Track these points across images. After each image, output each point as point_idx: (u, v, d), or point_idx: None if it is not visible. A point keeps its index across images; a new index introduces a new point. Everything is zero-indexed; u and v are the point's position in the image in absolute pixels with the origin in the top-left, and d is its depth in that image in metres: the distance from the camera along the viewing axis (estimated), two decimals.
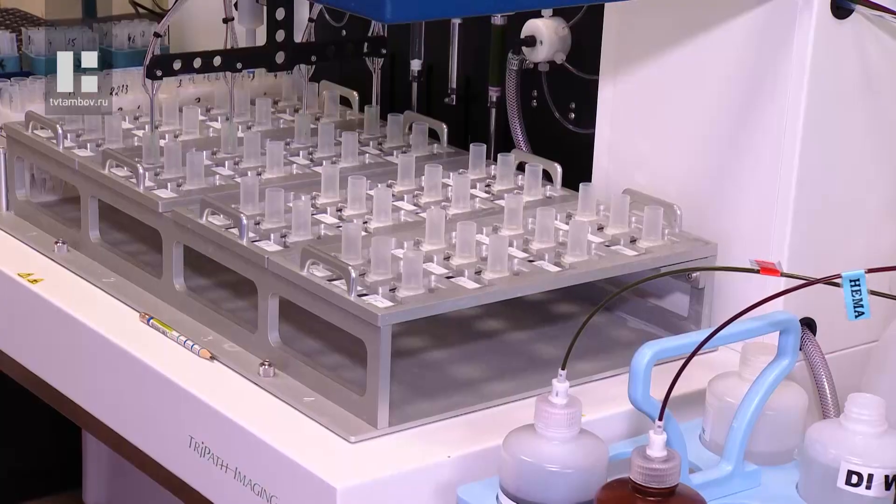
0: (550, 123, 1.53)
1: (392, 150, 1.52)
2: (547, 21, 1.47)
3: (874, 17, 1.21)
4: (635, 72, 1.36)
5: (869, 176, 1.28)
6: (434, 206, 1.34)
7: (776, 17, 1.22)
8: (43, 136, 1.48)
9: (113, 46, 1.82)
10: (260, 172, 1.43)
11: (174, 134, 1.52)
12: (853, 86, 1.24)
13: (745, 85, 1.26)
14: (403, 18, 1.03)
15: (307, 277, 1.18)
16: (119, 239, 1.47)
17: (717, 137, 1.29)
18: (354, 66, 1.60)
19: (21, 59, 1.78)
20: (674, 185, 1.34)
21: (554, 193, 1.40)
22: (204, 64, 1.45)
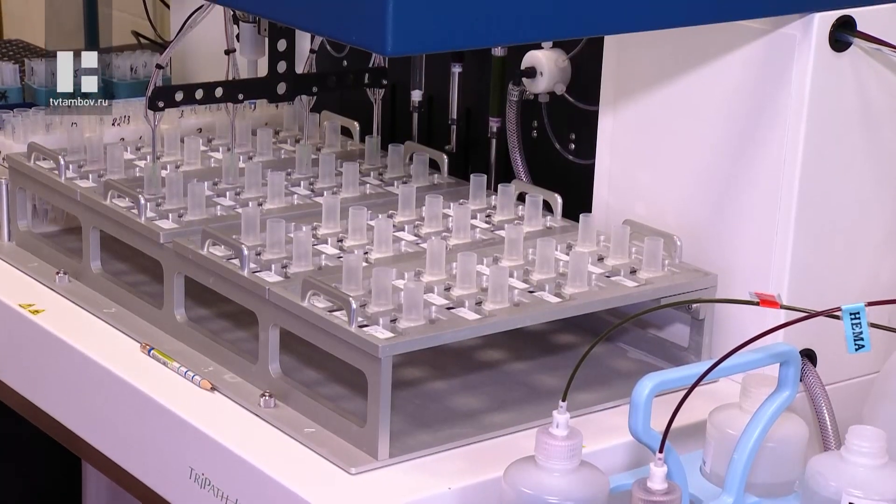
0: (551, 154, 1.54)
1: (393, 180, 1.52)
2: (547, 52, 1.47)
3: (872, 49, 1.22)
4: (635, 103, 1.36)
5: (868, 207, 1.29)
6: (435, 236, 1.35)
7: (775, 49, 1.22)
8: (45, 166, 1.48)
9: (115, 77, 1.83)
10: (261, 203, 1.43)
11: (176, 164, 1.53)
12: (852, 118, 1.25)
13: (745, 116, 1.26)
14: (404, 52, 1.04)
15: (308, 308, 1.18)
16: (120, 269, 1.47)
17: (717, 168, 1.30)
18: (355, 97, 1.61)
19: (24, 90, 1.78)
20: (673, 216, 1.34)
21: (554, 224, 1.41)
22: (206, 95, 1.45)
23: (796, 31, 1.21)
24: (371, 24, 1.02)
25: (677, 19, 1.16)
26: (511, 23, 1.06)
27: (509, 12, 1.06)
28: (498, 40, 1.32)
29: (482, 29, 1.06)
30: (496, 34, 1.08)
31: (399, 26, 1.01)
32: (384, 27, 1.00)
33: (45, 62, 1.77)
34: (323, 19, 1.07)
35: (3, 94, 1.76)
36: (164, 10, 2.26)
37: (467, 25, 1.05)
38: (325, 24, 1.08)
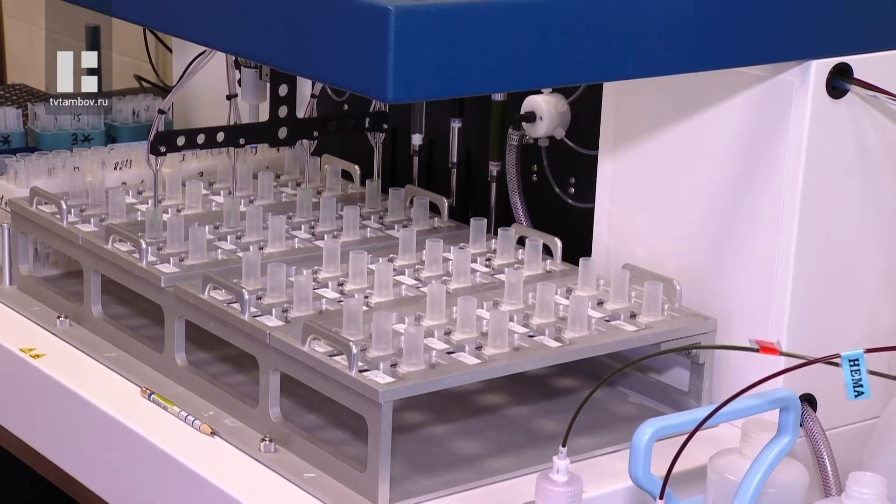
0: (550, 198, 1.54)
1: (393, 223, 1.53)
2: (547, 97, 1.48)
3: (869, 97, 1.23)
4: (634, 148, 1.37)
5: (867, 253, 1.29)
6: (435, 280, 1.35)
7: (772, 96, 1.23)
8: (47, 211, 1.49)
9: (117, 121, 1.84)
10: (262, 246, 1.44)
11: (177, 208, 1.53)
12: (850, 164, 1.25)
13: (743, 162, 1.27)
14: (405, 99, 1.04)
15: (308, 353, 1.19)
16: (121, 313, 1.47)
17: (716, 213, 1.30)
18: (356, 140, 1.62)
19: (27, 134, 1.79)
20: (673, 260, 1.35)
21: (554, 268, 1.41)
22: (207, 140, 1.46)
23: (794, 77, 1.22)
24: (372, 71, 1.02)
25: (676, 66, 1.17)
26: (511, 70, 1.07)
27: (509, 60, 1.06)
28: (498, 87, 1.34)
29: (482, 76, 1.07)
30: (496, 82, 1.09)
31: (400, 74, 1.02)
32: (385, 75, 1.01)
33: (48, 106, 1.79)
34: (324, 66, 1.08)
35: (5, 139, 1.77)
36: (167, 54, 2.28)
37: (467, 73, 1.06)
38: (326, 71, 1.09)
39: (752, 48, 1.18)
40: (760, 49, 1.18)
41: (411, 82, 1.03)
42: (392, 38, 1.00)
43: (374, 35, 1.01)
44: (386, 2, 1.01)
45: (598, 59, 1.11)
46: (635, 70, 1.15)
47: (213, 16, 1.18)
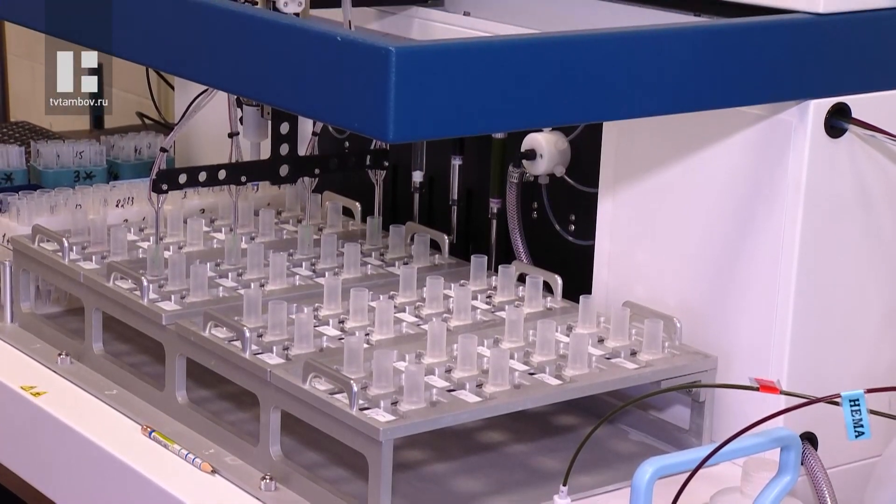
0: (551, 235, 1.55)
1: (394, 260, 1.53)
2: (547, 135, 1.49)
3: (867, 136, 1.23)
4: (634, 186, 1.38)
5: (866, 291, 1.30)
6: (436, 317, 1.36)
7: (771, 135, 1.24)
8: (49, 248, 1.49)
9: (119, 158, 1.85)
10: (263, 284, 1.44)
11: (178, 245, 1.54)
12: (849, 203, 1.26)
13: (743, 201, 1.27)
14: (406, 138, 1.05)
15: (309, 391, 1.19)
16: (122, 350, 1.47)
17: (716, 251, 1.31)
18: (357, 177, 1.62)
19: (29, 172, 1.80)
20: (673, 298, 1.35)
21: (555, 305, 1.42)
22: (209, 177, 1.47)
23: (792, 117, 1.22)
24: (373, 111, 1.03)
25: (675, 106, 1.18)
26: (511, 111, 1.08)
27: (509, 100, 1.07)
28: (498, 128, 1.35)
29: (483, 117, 1.07)
30: (496, 122, 1.10)
31: (401, 114, 1.02)
32: (386, 115, 1.02)
33: (53, 144, 1.80)
34: (325, 106, 1.09)
35: (8, 177, 1.77)
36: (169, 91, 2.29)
37: (468, 113, 1.06)
38: (327, 111, 1.09)
39: (750, 88, 1.18)
40: (759, 89, 1.19)
41: (412, 122, 1.04)
42: (393, 78, 1.01)
43: (376, 76, 1.02)
44: (387, 43, 1.02)
45: (598, 99, 1.12)
46: (635, 110, 1.16)
47: (214, 56, 1.19)
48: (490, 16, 1.54)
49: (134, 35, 1.28)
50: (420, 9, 1.61)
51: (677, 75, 1.14)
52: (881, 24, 1.24)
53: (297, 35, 1.10)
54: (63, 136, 2.01)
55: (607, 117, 1.28)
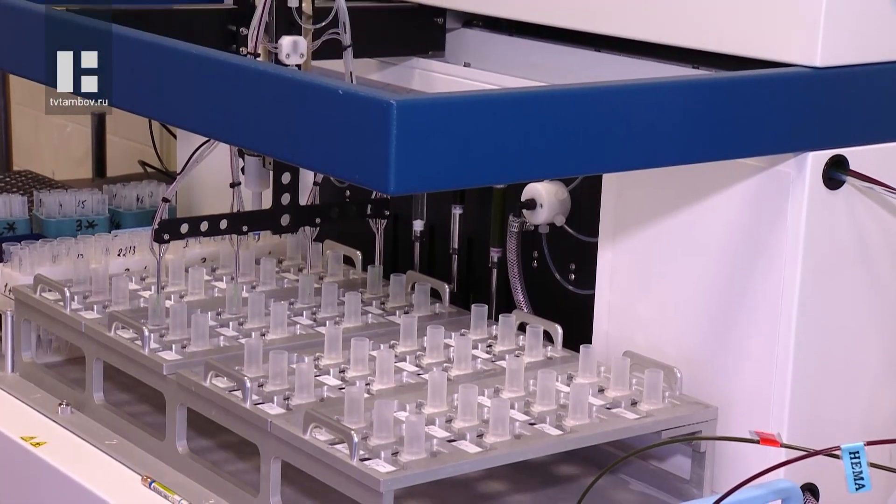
0: (551, 284, 1.55)
1: (395, 309, 1.54)
2: (547, 185, 1.50)
3: (865, 188, 1.24)
4: (634, 236, 1.38)
5: (866, 343, 1.30)
6: (436, 367, 1.36)
7: (770, 186, 1.25)
8: (50, 298, 1.50)
9: (121, 207, 1.86)
10: (264, 333, 1.44)
11: (180, 294, 1.54)
12: (847, 253, 1.27)
13: (742, 251, 1.28)
14: (407, 191, 1.06)
15: (310, 441, 1.19)
16: (123, 399, 1.47)
17: (716, 302, 1.31)
18: (358, 225, 1.63)
19: (31, 221, 1.81)
20: (673, 348, 1.35)
21: (555, 354, 1.42)
22: (211, 227, 1.48)
23: (791, 168, 1.23)
24: (374, 164, 1.04)
25: (674, 158, 1.19)
26: (511, 163, 1.09)
27: (510, 153, 1.08)
28: (498, 179, 1.35)
29: (483, 169, 1.08)
30: (497, 174, 1.11)
31: (401, 167, 1.03)
32: (387, 168, 1.03)
33: (55, 193, 1.80)
34: (327, 158, 1.09)
35: (11, 226, 1.78)
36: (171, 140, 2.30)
37: (468, 165, 1.07)
38: (329, 163, 1.10)
39: (748, 140, 1.19)
40: (757, 141, 1.20)
41: (413, 175, 1.04)
42: (394, 131, 1.02)
43: (377, 128, 1.03)
44: (388, 96, 1.03)
45: (598, 151, 1.12)
46: (634, 162, 1.17)
47: (217, 108, 1.20)
48: (490, 67, 1.56)
49: (136, 87, 1.29)
50: (421, 59, 1.62)
51: (676, 128, 1.15)
52: (878, 78, 1.25)
53: (299, 88, 1.11)
54: (65, 184, 2.02)
55: (607, 169, 1.29)
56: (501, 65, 1.55)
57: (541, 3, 1.45)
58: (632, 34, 1.37)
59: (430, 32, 1.62)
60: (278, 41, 1.43)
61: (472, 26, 1.62)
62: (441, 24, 1.62)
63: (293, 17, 1.44)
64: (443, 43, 1.62)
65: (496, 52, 1.57)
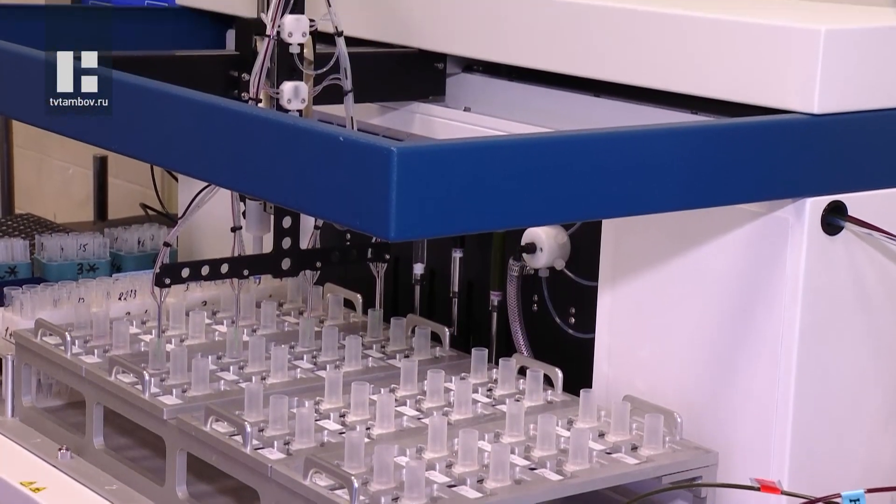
0: (551, 328, 1.55)
1: (395, 353, 1.54)
2: (547, 229, 1.50)
3: (864, 233, 1.25)
4: (633, 280, 1.38)
5: (867, 388, 1.30)
6: (436, 411, 1.36)
7: (768, 232, 1.25)
8: (51, 342, 1.50)
9: (122, 250, 1.86)
10: (264, 377, 1.44)
11: (180, 338, 1.54)
12: (847, 299, 1.27)
13: (742, 296, 1.28)
14: (408, 237, 1.06)
15: (310, 487, 1.19)
16: (123, 444, 1.47)
17: (716, 347, 1.31)
18: (359, 268, 1.64)
19: (33, 265, 1.81)
20: (674, 392, 1.35)
21: (555, 398, 1.42)
22: (212, 271, 1.48)
23: (789, 214, 1.24)
24: (375, 211, 1.04)
25: (673, 204, 1.19)
26: (512, 209, 1.09)
27: (510, 199, 1.08)
28: (499, 225, 1.36)
29: (483, 215, 1.08)
30: (497, 220, 1.11)
31: (402, 213, 1.03)
32: (388, 214, 1.03)
33: (57, 237, 1.81)
34: (328, 205, 1.10)
35: (12, 270, 1.78)
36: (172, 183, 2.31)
37: (469, 212, 1.07)
38: (330, 209, 1.11)
39: (747, 186, 1.20)
40: (756, 187, 1.21)
41: (414, 221, 1.05)
42: (395, 178, 1.03)
43: (378, 175, 1.03)
44: (388, 143, 1.03)
45: (598, 197, 1.13)
46: (634, 208, 1.17)
47: (218, 153, 1.21)
48: (490, 111, 1.57)
49: (138, 133, 1.30)
50: (421, 104, 1.63)
51: (675, 174, 1.16)
52: (875, 125, 1.26)
53: (300, 134, 1.11)
54: (67, 227, 2.03)
55: (607, 215, 1.29)
56: (501, 109, 1.56)
57: (539, 48, 1.46)
58: (630, 80, 1.38)
59: (431, 77, 1.63)
60: (280, 87, 1.44)
61: (472, 71, 1.63)
62: (441, 69, 1.63)
63: (294, 63, 1.45)
64: (443, 87, 1.63)
65: (496, 96, 1.58)
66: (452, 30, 1.56)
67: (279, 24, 1.42)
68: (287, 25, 1.43)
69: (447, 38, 1.57)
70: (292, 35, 1.43)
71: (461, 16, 1.54)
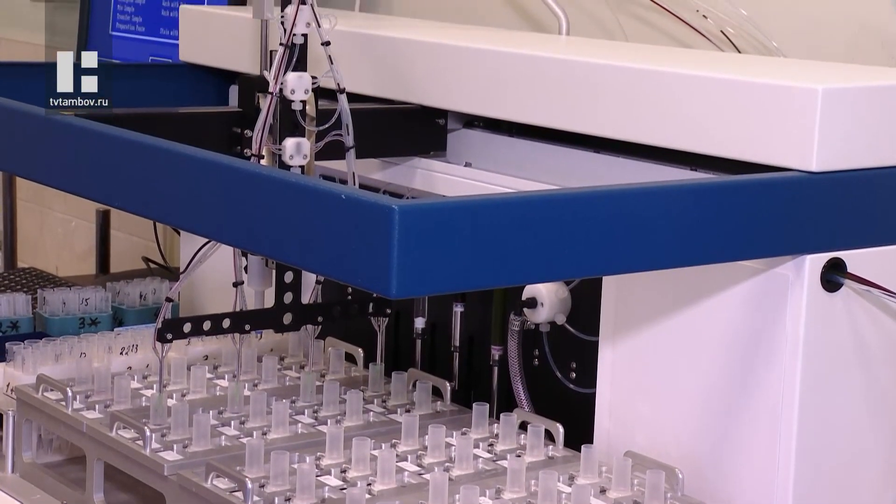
0: (552, 382, 1.55)
1: (396, 407, 1.54)
2: (548, 284, 1.51)
3: (863, 290, 1.25)
4: (634, 335, 1.39)
5: (867, 445, 1.30)
6: (437, 467, 1.35)
7: (769, 288, 1.26)
8: (52, 398, 1.50)
9: (124, 304, 1.87)
10: (265, 432, 1.44)
11: (182, 393, 1.54)
12: (847, 355, 1.27)
13: (742, 352, 1.28)
14: (409, 295, 1.07)
15: None
16: (123, 500, 1.47)
17: (717, 402, 1.31)
18: (360, 322, 1.64)
19: (35, 319, 1.82)
20: (675, 448, 1.35)
21: (556, 454, 1.42)
22: (213, 326, 1.48)
23: (789, 271, 1.24)
24: (376, 268, 1.05)
25: (673, 261, 1.20)
26: (513, 267, 1.09)
27: (511, 257, 1.09)
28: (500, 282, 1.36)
29: (485, 272, 1.09)
30: (499, 277, 1.12)
31: (403, 271, 1.04)
32: (389, 272, 1.03)
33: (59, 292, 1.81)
34: (329, 262, 1.10)
35: (14, 325, 1.79)
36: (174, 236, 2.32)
37: (470, 270, 1.08)
38: (331, 266, 1.11)
39: (747, 243, 1.20)
40: (755, 244, 1.21)
41: (415, 279, 1.05)
42: (396, 236, 1.03)
43: (379, 233, 1.04)
44: (390, 201, 1.04)
45: (598, 254, 1.13)
46: (634, 265, 1.18)
47: (219, 210, 1.21)
48: (491, 167, 1.58)
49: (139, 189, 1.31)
50: (423, 159, 1.64)
51: (675, 231, 1.17)
52: (873, 183, 1.26)
53: (301, 192, 1.12)
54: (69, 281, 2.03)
55: (607, 272, 1.29)
56: (502, 165, 1.57)
57: (539, 105, 1.48)
58: (630, 137, 1.39)
59: (432, 133, 1.64)
60: (282, 143, 1.45)
61: (473, 127, 1.64)
62: (443, 124, 1.64)
63: (297, 119, 1.46)
64: (444, 143, 1.65)
65: (497, 152, 1.60)
66: (453, 86, 1.57)
67: (282, 82, 1.44)
68: (290, 83, 1.44)
69: (448, 95, 1.58)
70: (295, 92, 1.44)
71: (462, 73, 1.56)
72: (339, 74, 1.46)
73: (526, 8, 2.07)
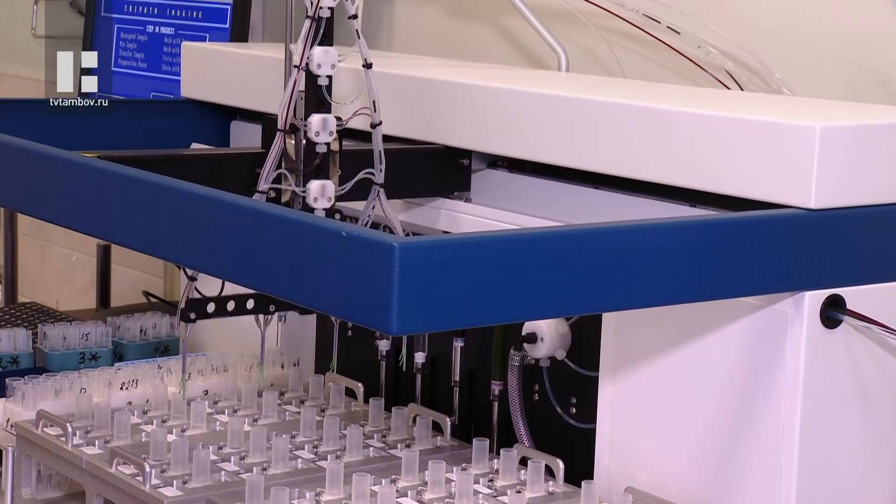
0: (552, 418, 1.55)
1: (396, 443, 1.54)
2: (548, 319, 1.51)
3: (863, 327, 1.25)
4: (634, 371, 1.39)
5: (867, 482, 1.30)
6: (437, 502, 1.35)
7: (768, 324, 1.26)
8: (52, 433, 1.50)
9: (125, 339, 1.87)
10: (265, 467, 1.44)
11: (182, 428, 1.54)
12: (847, 391, 1.27)
13: (742, 388, 1.29)
14: (410, 331, 1.07)
15: None
16: None
17: (717, 438, 1.31)
18: (360, 357, 1.64)
19: (35, 354, 1.82)
20: (675, 484, 1.35)
21: (556, 489, 1.41)
22: (237, 307, 1.47)
23: (788, 307, 1.24)
24: (377, 305, 1.05)
25: (672, 298, 1.20)
26: (514, 304, 1.10)
27: (512, 294, 1.09)
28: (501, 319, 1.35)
29: (486, 309, 1.09)
30: (500, 314, 1.12)
31: (404, 308, 1.04)
32: (390, 309, 1.04)
33: (59, 327, 1.81)
34: (329, 299, 1.10)
35: (14, 360, 1.79)
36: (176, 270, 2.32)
37: (471, 306, 1.08)
38: (331, 303, 1.11)
39: (746, 280, 1.21)
40: (754, 280, 1.21)
41: (415, 316, 1.05)
42: (397, 273, 1.03)
43: (380, 270, 1.04)
44: (390, 238, 1.04)
45: (599, 292, 1.14)
46: (634, 301, 1.18)
47: (219, 248, 1.22)
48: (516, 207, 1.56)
49: (140, 226, 1.31)
50: (447, 200, 1.63)
51: (675, 267, 1.17)
52: (872, 220, 1.27)
53: (302, 229, 1.12)
54: (69, 316, 2.03)
55: (608, 309, 1.30)
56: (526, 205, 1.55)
57: (543, 143, 1.48)
58: (631, 174, 1.40)
59: (456, 173, 1.63)
60: (307, 185, 1.44)
61: (496, 167, 1.63)
62: (467, 165, 1.63)
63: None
64: (468, 183, 1.64)
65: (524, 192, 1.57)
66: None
67: (306, 123, 1.42)
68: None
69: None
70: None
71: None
72: (366, 49, 1.41)
73: (523, 43, 2.08)
